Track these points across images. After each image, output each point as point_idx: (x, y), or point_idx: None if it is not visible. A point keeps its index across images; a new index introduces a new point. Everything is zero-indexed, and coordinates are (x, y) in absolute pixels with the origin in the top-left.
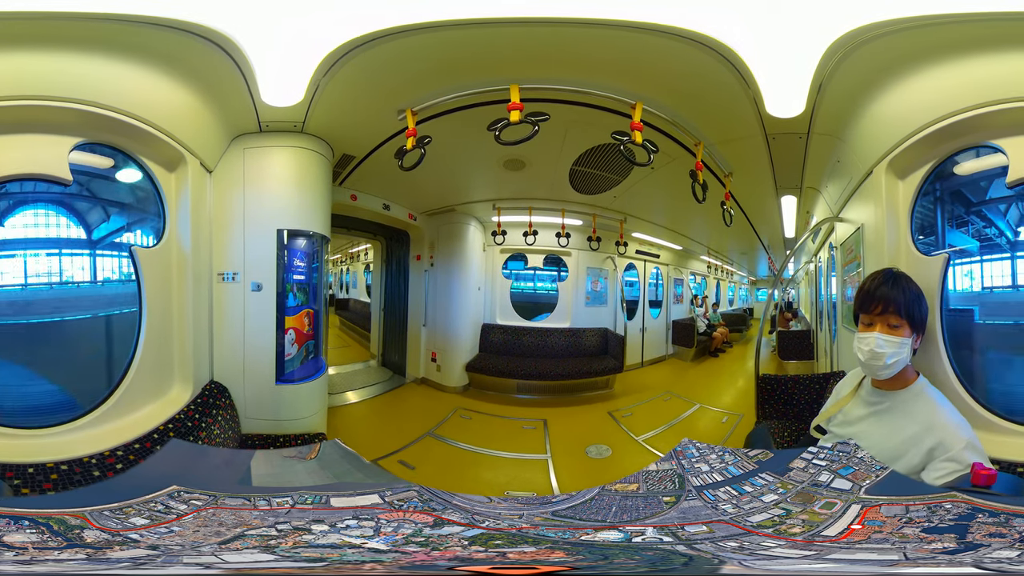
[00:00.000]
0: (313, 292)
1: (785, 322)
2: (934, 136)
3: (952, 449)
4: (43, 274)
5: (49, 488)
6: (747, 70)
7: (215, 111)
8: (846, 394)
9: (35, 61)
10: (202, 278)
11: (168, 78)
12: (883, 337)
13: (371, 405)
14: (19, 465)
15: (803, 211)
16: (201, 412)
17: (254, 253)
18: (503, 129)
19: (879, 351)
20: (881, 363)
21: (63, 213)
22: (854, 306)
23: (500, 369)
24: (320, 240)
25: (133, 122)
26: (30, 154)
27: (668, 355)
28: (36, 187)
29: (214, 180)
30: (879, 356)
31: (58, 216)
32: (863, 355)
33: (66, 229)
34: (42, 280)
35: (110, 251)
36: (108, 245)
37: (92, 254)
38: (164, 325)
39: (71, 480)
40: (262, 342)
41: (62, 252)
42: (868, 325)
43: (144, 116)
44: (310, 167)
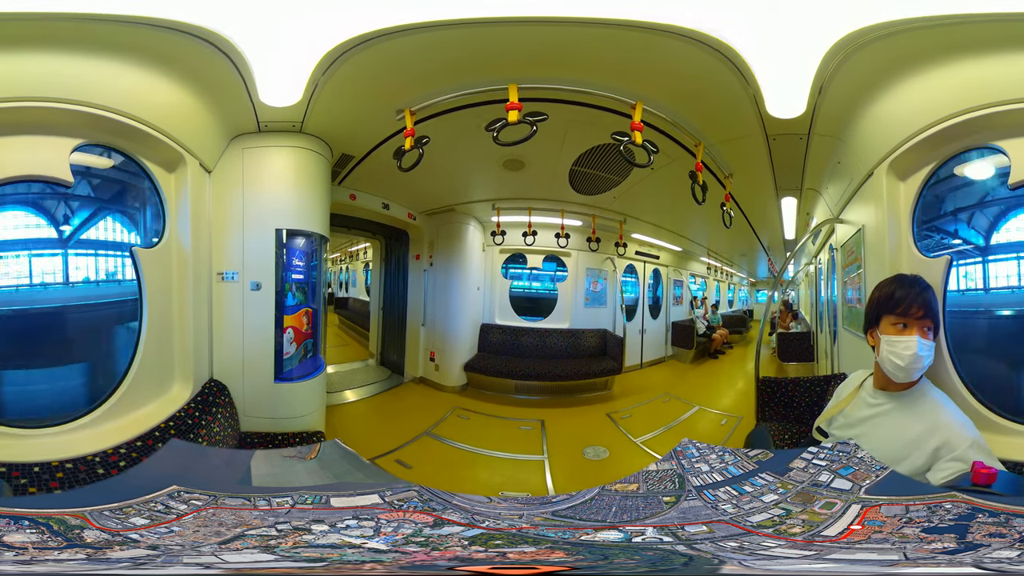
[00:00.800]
0: (312, 291)
1: (785, 323)
2: (935, 137)
3: (957, 449)
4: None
5: (56, 487)
6: (748, 70)
7: (214, 111)
8: (847, 395)
9: (34, 62)
10: (202, 277)
11: (167, 79)
12: (924, 341)
13: (369, 404)
14: (25, 464)
15: (803, 212)
16: (201, 410)
17: (253, 253)
18: (501, 129)
19: (921, 354)
20: (920, 366)
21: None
22: (874, 309)
23: (498, 369)
24: (319, 239)
25: (132, 123)
26: (31, 156)
27: (667, 356)
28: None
29: (213, 180)
30: (920, 359)
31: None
32: (902, 360)
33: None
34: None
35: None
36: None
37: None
38: (165, 324)
39: (76, 478)
40: (261, 341)
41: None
42: (903, 327)
43: (143, 117)
44: (309, 167)
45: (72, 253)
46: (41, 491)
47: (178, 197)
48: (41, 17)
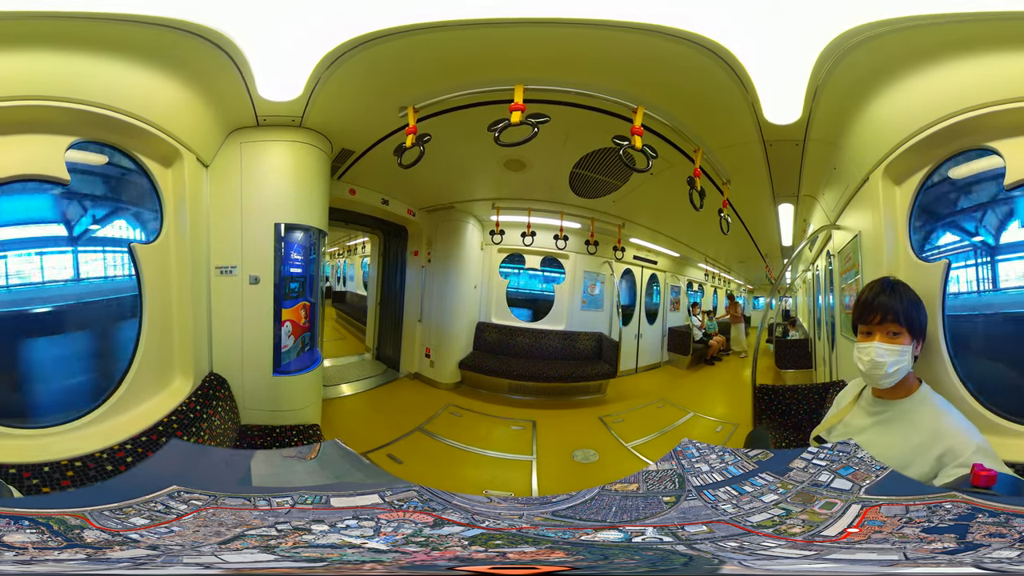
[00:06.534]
0: (309, 285)
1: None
2: (929, 140)
3: (963, 455)
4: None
5: (67, 485)
6: (746, 75)
7: (211, 106)
8: (846, 404)
9: (26, 60)
10: (200, 272)
11: (162, 75)
12: (883, 346)
13: (365, 398)
14: (35, 465)
15: (800, 219)
16: (202, 403)
17: (251, 247)
18: (503, 131)
19: (880, 360)
20: (882, 372)
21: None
22: (853, 316)
23: (493, 368)
24: (317, 234)
25: (128, 119)
26: (28, 154)
27: (663, 362)
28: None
29: (211, 174)
30: (880, 365)
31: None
32: (864, 365)
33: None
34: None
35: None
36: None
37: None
38: (164, 319)
39: (87, 475)
40: (259, 334)
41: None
42: (867, 335)
43: (139, 113)
44: (308, 161)
45: (72, 251)
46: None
47: (175, 192)
48: (33, 16)
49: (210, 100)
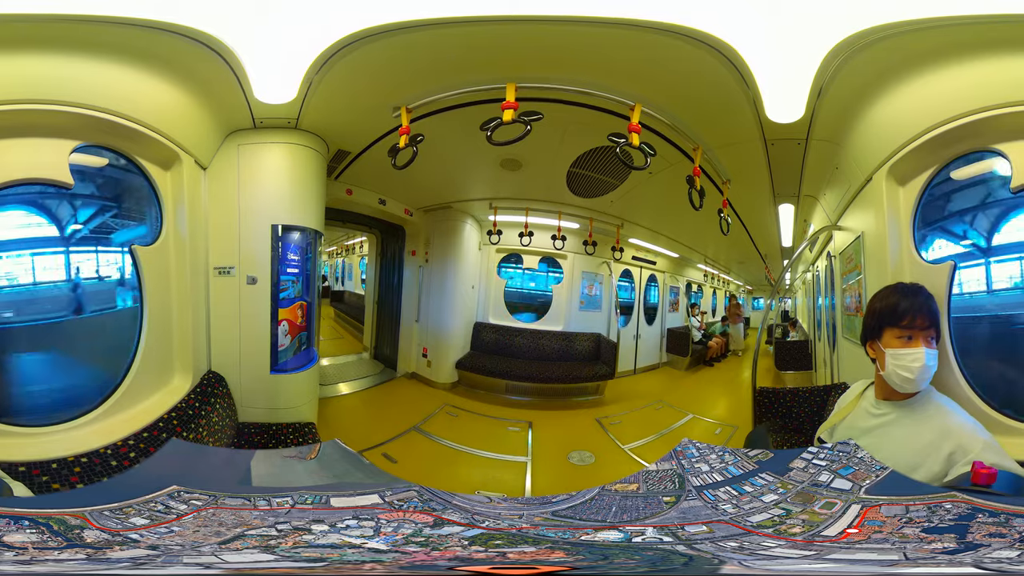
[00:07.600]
0: (306, 285)
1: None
2: (935, 141)
3: (972, 452)
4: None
5: (77, 481)
6: (748, 72)
7: (209, 109)
8: (846, 405)
9: (29, 64)
10: (199, 272)
11: (161, 79)
12: (930, 351)
13: (361, 397)
14: (43, 462)
15: (800, 220)
16: (201, 401)
17: (249, 248)
18: (495, 129)
19: (930, 365)
20: (928, 377)
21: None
22: (875, 320)
23: (490, 368)
24: (313, 235)
25: (128, 124)
26: (31, 158)
27: (662, 363)
28: None
29: (209, 177)
30: (929, 370)
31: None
32: (912, 372)
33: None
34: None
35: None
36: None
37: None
38: (164, 318)
39: (93, 472)
40: (257, 333)
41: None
42: (908, 339)
43: (138, 117)
44: (304, 163)
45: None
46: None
47: (174, 194)
48: (34, 19)
49: (208, 103)
